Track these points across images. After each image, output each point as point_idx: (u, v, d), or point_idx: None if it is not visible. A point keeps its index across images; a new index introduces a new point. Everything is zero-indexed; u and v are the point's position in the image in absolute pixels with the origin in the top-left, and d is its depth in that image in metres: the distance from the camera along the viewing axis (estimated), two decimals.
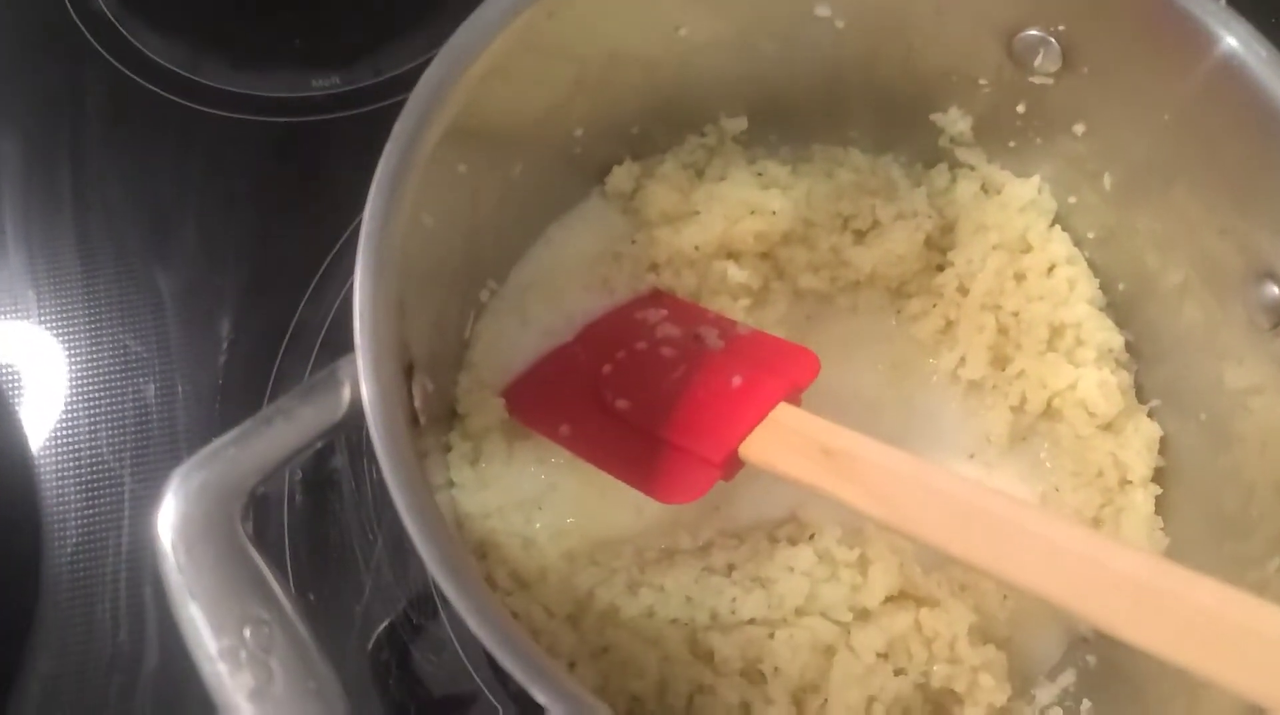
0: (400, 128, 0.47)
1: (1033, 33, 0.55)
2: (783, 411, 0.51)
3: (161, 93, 0.71)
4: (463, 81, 0.49)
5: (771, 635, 0.52)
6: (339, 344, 0.65)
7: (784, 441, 0.50)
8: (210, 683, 0.37)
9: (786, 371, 0.54)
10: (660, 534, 0.57)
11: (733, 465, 0.52)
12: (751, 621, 0.52)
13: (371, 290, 0.44)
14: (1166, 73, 0.52)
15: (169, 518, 0.39)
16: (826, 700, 0.51)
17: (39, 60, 0.72)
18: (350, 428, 0.43)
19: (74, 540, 0.61)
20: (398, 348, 0.44)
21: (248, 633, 0.37)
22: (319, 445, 0.42)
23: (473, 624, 0.39)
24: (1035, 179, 0.62)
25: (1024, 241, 0.62)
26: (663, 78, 0.61)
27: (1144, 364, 0.60)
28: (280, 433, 0.41)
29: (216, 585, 0.38)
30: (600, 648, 0.52)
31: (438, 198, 0.49)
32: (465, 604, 0.39)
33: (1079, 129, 0.58)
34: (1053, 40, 0.55)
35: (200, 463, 0.40)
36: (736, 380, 0.54)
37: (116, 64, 0.72)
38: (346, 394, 0.43)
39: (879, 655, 0.52)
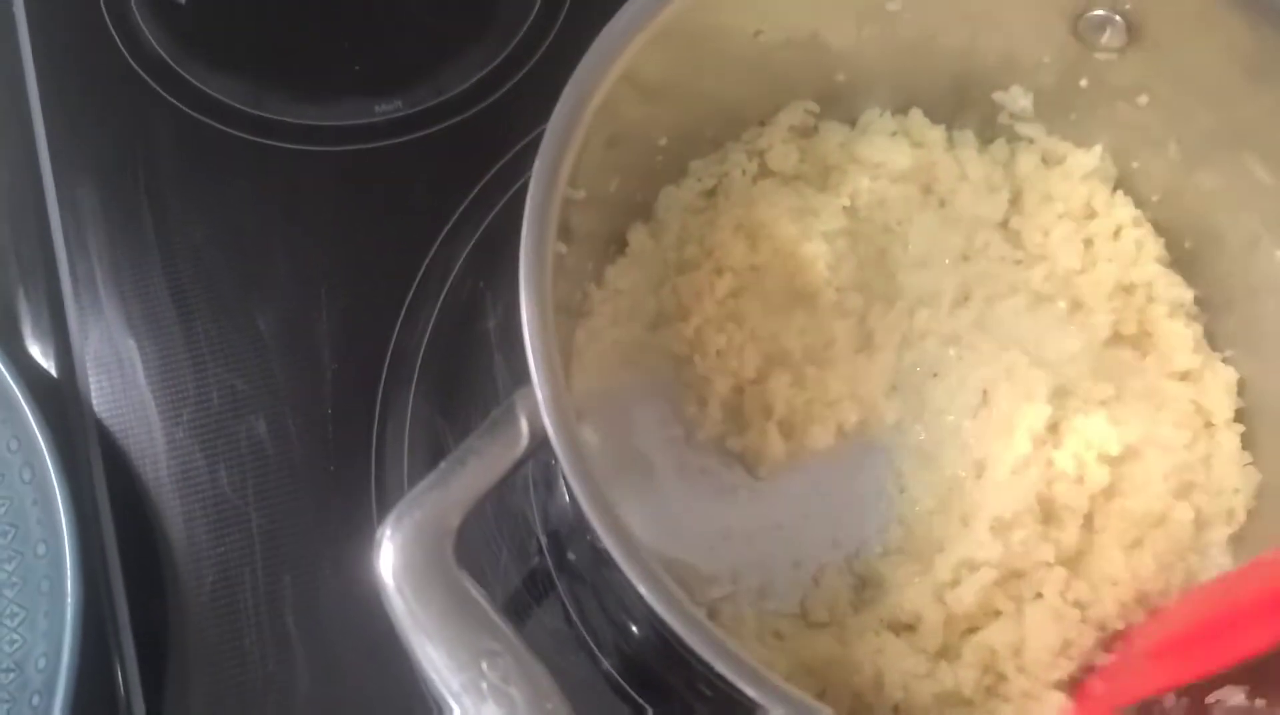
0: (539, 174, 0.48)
1: (1099, 12, 0.58)
2: None
3: (229, 130, 0.72)
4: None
5: None
6: (439, 366, 0.67)
7: None
8: None
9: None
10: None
11: None
12: None
13: (539, 325, 0.45)
14: (1232, 44, 0.55)
15: (389, 561, 0.42)
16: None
17: (105, 111, 0.72)
18: (530, 458, 0.46)
19: (210, 578, 0.63)
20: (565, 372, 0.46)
21: (484, 665, 0.40)
22: (509, 477, 0.45)
23: (684, 634, 0.41)
24: (1097, 149, 0.65)
25: (1089, 208, 0.65)
26: (735, 78, 0.63)
27: (1214, 315, 0.64)
28: (474, 471, 0.44)
29: (446, 622, 0.41)
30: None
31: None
32: (674, 616, 0.42)
33: (1143, 100, 0.61)
34: (1119, 18, 0.58)
35: (408, 506, 0.43)
36: None
37: (181, 106, 0.72)
38: (525, 427, 0.45)
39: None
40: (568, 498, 0.64)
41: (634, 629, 0.62)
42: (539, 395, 0.44)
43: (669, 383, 0.62)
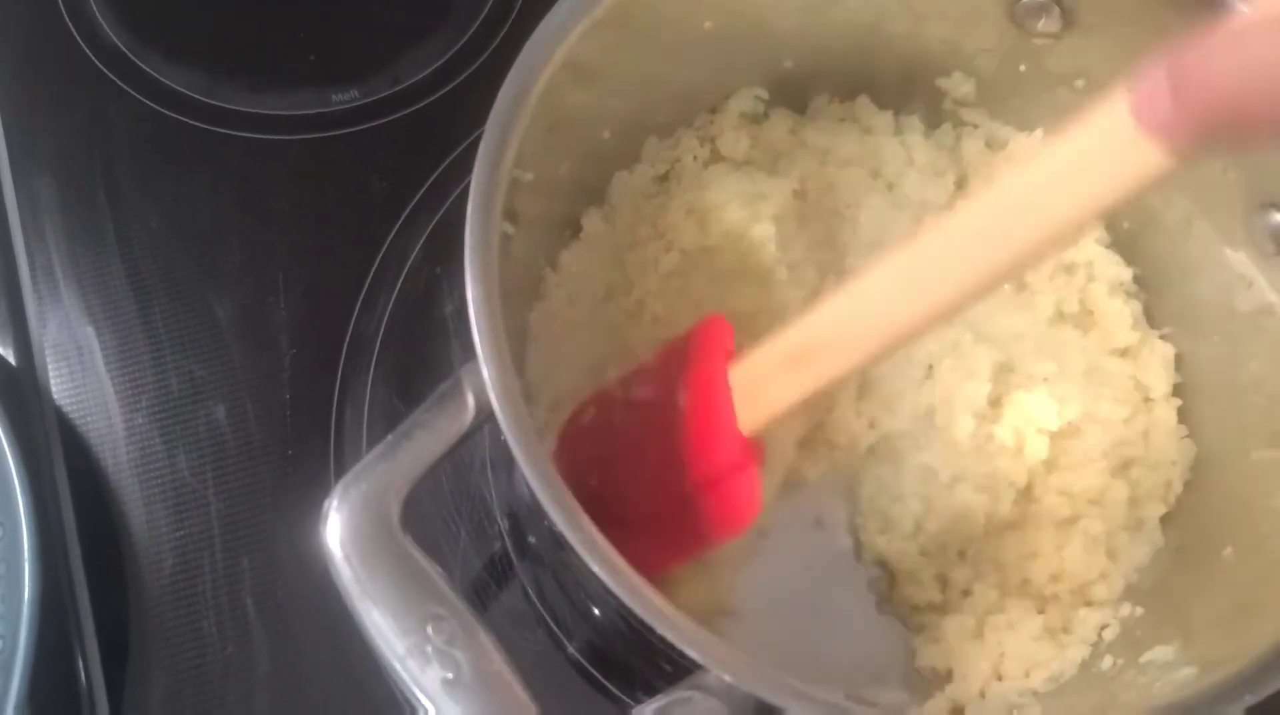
0: (484, 154, 0.49)
1: None
2: (736, 376, 0.51)
3: (186, 120, 0.73)
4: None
5: None
6: (397, 350, 0.68)
7: (760, 391, 0.49)
8: (403, 680, 0.41)
9: (710, 351, 0.53)
10: None
11: (750, 452, 0.51)
12: None
13: (484, 301, 0.46)
14: (1164, 28, 0.56)
15: (336, 531, 0.43)
16: None
17: (61, 101, 0.73)
18: (478, 432, 0.47)
19: (170, 562, 0.64)
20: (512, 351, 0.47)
21: (430, 629, 0.41)
22: (455, 450, 0.46)
23: (639, 610, 0.42)
24: (1038, 133, 0.66)
25: None
26: (683, 65, 0.64)
27: (1152, 294, 0.65)
28: (421, 443, 0.45)
29: (392, 589, 0.42)
30: None
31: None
32: (625, 592, 0.42)
33: (1080, 83, 0.63)
34: (1054, 4, 0.59)
35: (355, 478, 0.44)
36: (683, 398, 0.53)
37: (137, 95, 0.73)
38: (471, 400, 0.46)
39: None
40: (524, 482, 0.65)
41: (595, 610, 0.63)
42: (484, 369, 0.45)
43: (615, 357, 0.63)
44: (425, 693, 0.40)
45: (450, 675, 0.40)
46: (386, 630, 0.41)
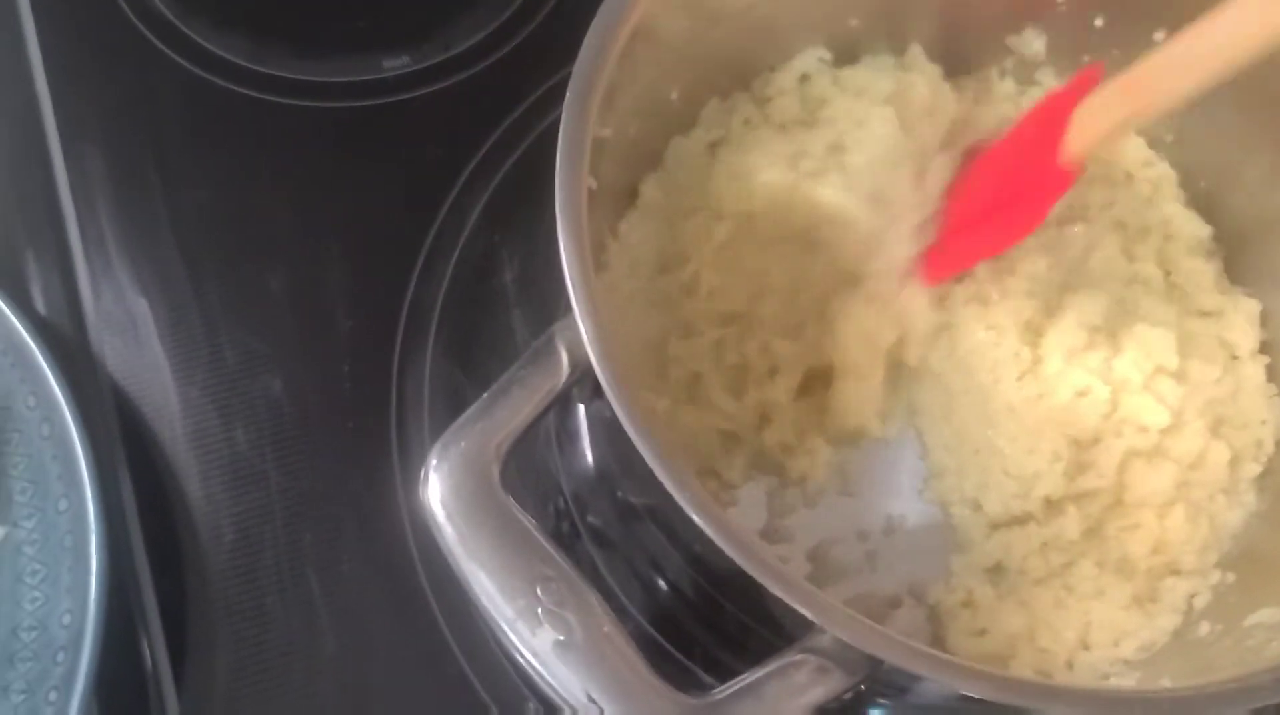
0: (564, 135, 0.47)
1: None
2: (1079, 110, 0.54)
3: (234, 88, 0.71)
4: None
5: None
6: (457, 321, 0.67)
7: (1093, 119, 0.53)
8: (514, 643, 0.39)
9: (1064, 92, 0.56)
10: None
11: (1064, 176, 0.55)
12: None
13: (576, 252, 0.45)
14: None
15: (437, 492, 0.41)
16: None
17: (108, 70, 0.71)
18: (572, 387, 0.45)
19: (230, 537, 0.62)
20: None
21: (539, 590, 0.39)
22: (553, 405, 0.44)
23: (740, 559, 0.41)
24: None
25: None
26: (745, 26, 0.62)
27: (1232, 252, 0.64)
28: (518, 399, 0.44)
29: (498, 550, 0.40)
30: None
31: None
32: (726, 540, 0.41)
33: (1159, 36, 0.61)
34: None
35: (454, 436, 0.42)
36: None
37: (185, 64, 0.71)
38: (565, 357, 0.45)
39: None
40: (589, 457, 0.63)
41: (661, 584, 0.62)
42: (580, 323, 0.43)
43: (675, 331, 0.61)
44: (537, 656, 0.39)
45: (562, 637, 0.39)
46: (495, 592, 0.39)
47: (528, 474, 0.64)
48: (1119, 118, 0.53)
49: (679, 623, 0.62)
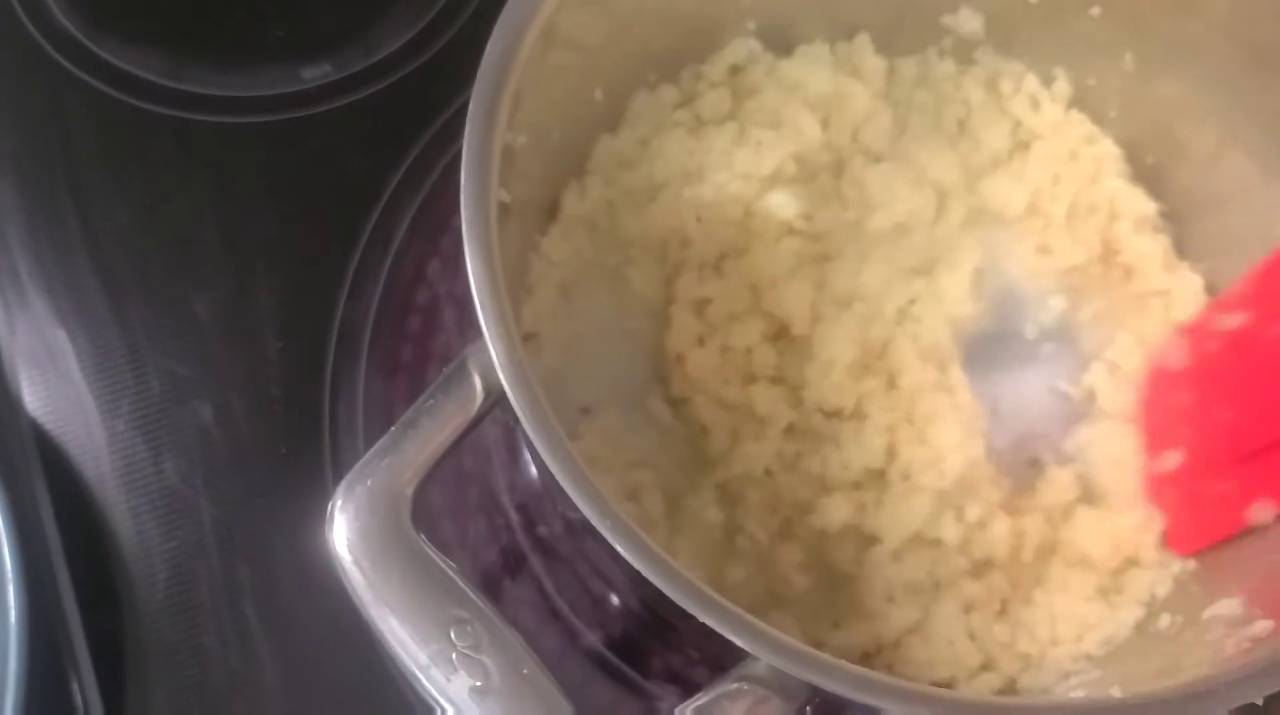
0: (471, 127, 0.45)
1: None
2: None
3: (149, 106, 0.69)
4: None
5: None
6: (390, 338, 0.65)
7: None
8: (428, 690, 0.37)
9: None
10: None
11: None
12: None
13: (485, 271, 0.43)
14: None
15: (343, 533, 0.39)
16: None
17: (14, 93, 0.68)
18: (487, 416, 0.43)
19: (164, 574, 0.60)
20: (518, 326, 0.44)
21: (453, 634, 0.38)
22: (465, 437, 0.42)
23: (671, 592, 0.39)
24: (1049, 68, 0.63)
25: (1039, 129, 0.63)
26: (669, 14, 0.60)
27: (1180, 227, 0.62)
28: (427, 432, 0.41)
29: (410, 594, 0.38)
30: None
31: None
32: (655, 573, 0.39)
33: (1095, 11, 0.59)
34: None
35: (359, 475, 0.40)
36: None
37: (96, 83, 0.69)
38: (479, 383, 0.43)
39: None
40: (534, 468, 0.62)
41: (613, 599, 0.60)
42: (491, 347, 0.41)
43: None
44: (453, 703, 0.37)
45: (479, 683, 0.37)
46: (406, 638, 0.38)
47: (470, 485, 0.62)
48: None
49: (633, 640, 0.60)
